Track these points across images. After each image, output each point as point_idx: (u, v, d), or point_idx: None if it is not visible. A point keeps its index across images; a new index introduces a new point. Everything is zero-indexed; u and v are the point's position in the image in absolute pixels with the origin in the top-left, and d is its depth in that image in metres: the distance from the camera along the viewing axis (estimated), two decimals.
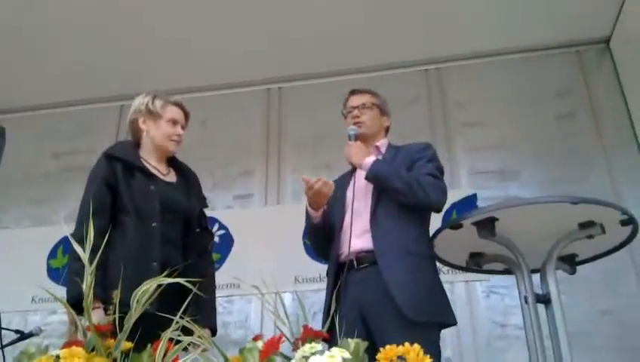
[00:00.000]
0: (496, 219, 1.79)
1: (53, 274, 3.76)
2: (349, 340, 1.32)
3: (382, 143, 2.33)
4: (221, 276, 3.24)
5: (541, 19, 3.75)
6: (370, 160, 2.14)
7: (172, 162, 2.34)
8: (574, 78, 3.88)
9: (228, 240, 3.72)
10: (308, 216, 2.26)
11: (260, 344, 1.27)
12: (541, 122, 3.76)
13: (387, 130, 2.43)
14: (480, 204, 3.53)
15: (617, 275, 3.16)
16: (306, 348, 1.19)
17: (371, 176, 2.11)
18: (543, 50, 4.00)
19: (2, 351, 2.24)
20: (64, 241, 3.78)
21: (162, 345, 1.32)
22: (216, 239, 3.68)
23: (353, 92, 2.40)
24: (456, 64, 4.12)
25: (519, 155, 3.71)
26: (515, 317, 3.09)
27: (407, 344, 1.19)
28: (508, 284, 3.15)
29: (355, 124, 2.29)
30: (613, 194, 3.39)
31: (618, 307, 3.14)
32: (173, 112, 2.26)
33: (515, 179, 3.65)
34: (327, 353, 1.18)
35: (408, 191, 2.03)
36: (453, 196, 3.57)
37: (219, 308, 3.37)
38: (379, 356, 1.19)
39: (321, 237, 2.28)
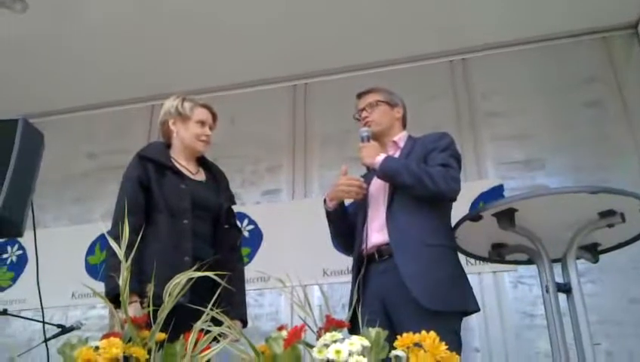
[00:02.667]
0: (516, 210, 1.81)
1: (92, 270, 3.91)
2: (371, 329, 1.38)
3: (400, 137, 2.35)
4: (251, 270, 3.35)
5: (566, 5, 3.71)
6: (380, 158, 2.15)
7: (201, 161, 2.44)
8: (602, 64, 3.83)
9: (257, 235, 3.81)
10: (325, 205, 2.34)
11: (284, 333, 1.34)
12: (568, 110, 3.73)
13: (404, 121, 2.45)
14: (507, 194, 3.53)
15: None
16: (327, 337, 1.25)
17: (382, 174, 2.15)
18: (569, 37, 3.95)
19: (46, 344, 2.36)
20: (101, 239, 3.92)
21: (193, 335, 1.40)
22: (246, 234, 3.77)
23: (359, 96, 2.45)
24: (481, 54, 4.11)
25: (546, 144, 3.68)
26: (543, 307, 3.10)
27: (423, 331, 1.24)
28: (535, 274, 3.13)
29: (365, 124, 2.33)
30: None
31: None
32: (202, 114, 2.35)
33: (542, 168, 3.63)
34: (347, 341, 1.24)
35: (418, 185, 2.06)
36: (480, 187, 3.60)
37: (250, 301, 3.48)
38: (396, 343, 1.25)
39: (337, 228, 2.36)
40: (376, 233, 2.17)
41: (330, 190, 2.31)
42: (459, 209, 2.23)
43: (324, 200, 2.35)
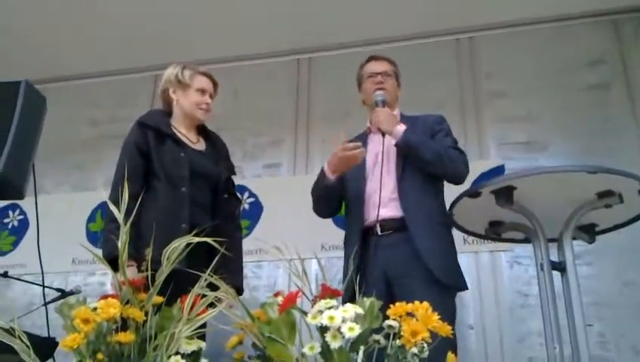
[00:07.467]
0: (515, 188, 1.81)
1: (93, 237, 3.92)
2: (365, 299, 1.40)
3: (396, 113, 2.36)
4: (251, 242, 3.37)
5: None
6: (401, 128, 2.17)
7: (202, 130, 2.44)
8: (609, 48, 3.78)
9: (257, 208, 3.82)
10: (322, 175, 2.27)
11: (279, 299, 1.36)
12: (573, 93, 3.70)
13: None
14: None
15: None
16: (322, 303, 1.27)
17: (403, 145, 2.16)
18: (578, 18, 3.90)
19: (45, 307, 2.40)
20: (102, 206, 3.93)
21: (190, 299, 1.42)
22: (246, 207, 3.79)
23: (373, 58, 2.44)
24: (488, 33, 4.06)
25: (549, 126, 3.66)
26: (537, 287, 3.12)
27: (417, 301, 1.26)
28: (532, 255, 3.15)
29: (379, 89, 2.32)
30: None
31: None
32: (202, 82, 2.34)
33: (545, 150, 3.62)
34: (341, 308, 1.26)
35: (438, 162, 2.12)
36: (481, 166, 3.59)
37: (248, 273, 3.51)
38: (389, 312, 1.26)
39: (331, 198, 2.34)
40: (383, 207, 2.16)
41: (332, 161, 2.21)
42: (459, 188, 2.24)
43: (323, 171, 2.28)
